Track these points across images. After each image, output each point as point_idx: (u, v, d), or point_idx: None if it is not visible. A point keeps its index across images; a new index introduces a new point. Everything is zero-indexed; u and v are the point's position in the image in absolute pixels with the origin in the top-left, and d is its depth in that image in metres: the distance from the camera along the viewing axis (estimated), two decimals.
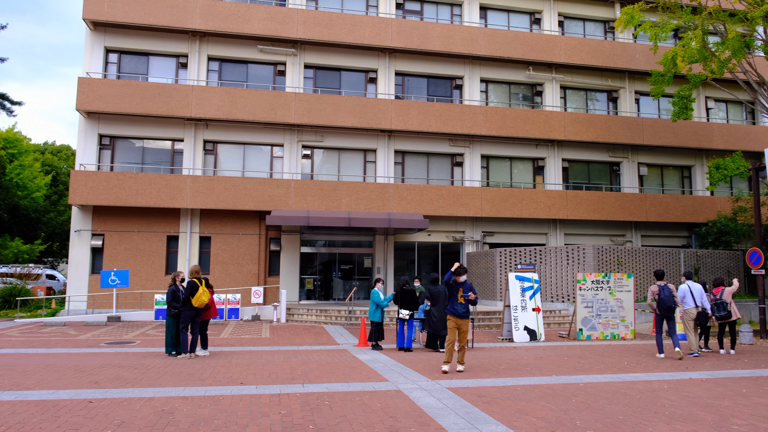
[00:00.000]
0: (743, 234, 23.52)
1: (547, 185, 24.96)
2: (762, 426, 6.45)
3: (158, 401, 7.41)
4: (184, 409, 6.98)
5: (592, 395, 8.05)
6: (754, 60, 23.42)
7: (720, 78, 22.69)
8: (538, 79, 25.30)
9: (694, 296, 12.61)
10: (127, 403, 7.27)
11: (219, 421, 6.46)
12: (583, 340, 15.17)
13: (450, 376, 9.55)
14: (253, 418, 6.59)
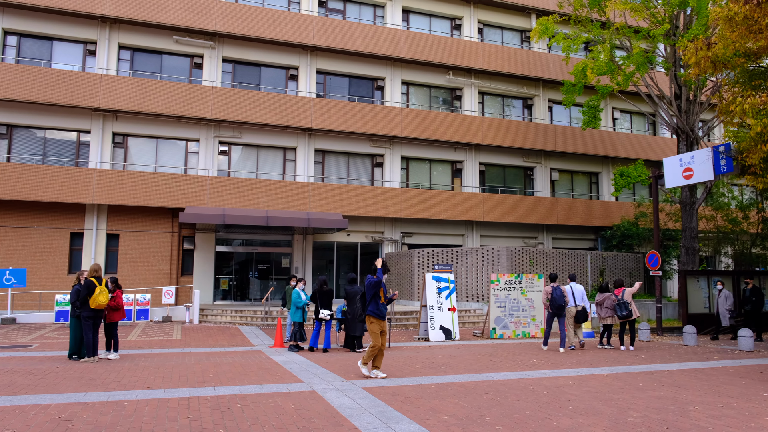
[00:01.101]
0: (644, 238, 25.07)
1: (464, 188, 25.53)
2: (655, 417, 6.82)
3: (55, 408, 6.88)
4: (83, 416, 6.51)
5: (503, 392, 8.23)
6: (656, 75, 25.04)
7: (625, 90, 24.06)
8: (458, 83, 25.85)
9: (575, 296, 13.83)
10: (19, 411, 6.70)
11: (122, 427, 6.07)
12: (496, 339, 15.58)
13: (365, 376, 9.48)
14: (159, 424, 6.25)
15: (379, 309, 9.33)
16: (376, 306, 9.34)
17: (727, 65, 13.42)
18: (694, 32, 17.65)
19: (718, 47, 12.95)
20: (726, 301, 15.62)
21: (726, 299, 15.58)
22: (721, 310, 15.57)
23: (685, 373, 10.16)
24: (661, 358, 12.13)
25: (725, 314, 15.56)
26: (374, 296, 9.32)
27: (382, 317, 9.38)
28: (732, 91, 14.56)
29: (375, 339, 9.27)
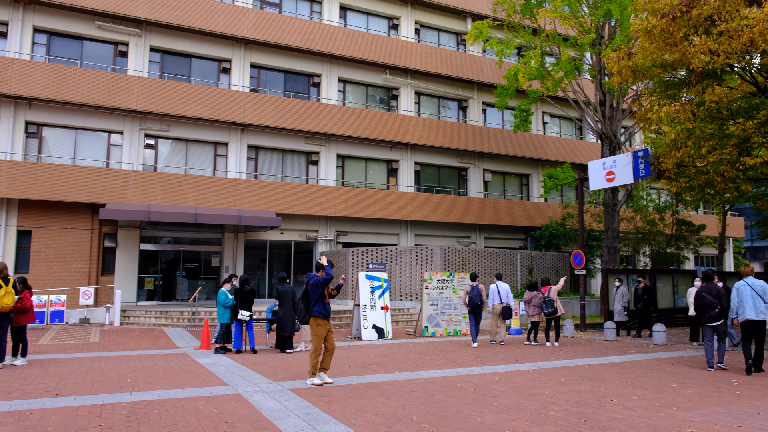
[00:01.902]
0: (570, 237, 26.02)
1: (400, 187, 25.65)
2: (574, 410, 7.01)
3: None
4: None
5: (431, 390, 8.25)
6: (583, 82, 26.05)
7: (555, 96, 24.89)
8: (395, 83, 25.94)
9: (501, 294, 14.40)
10: None
11: None
12: (428, 337, 15.69)
13: (293, 377, 9.29)
14: None
15: (326, 309, 8.73)
16: (323, 306, 8.71)
17: (645, 75, 14.08)
18: (618, 43, 18.42)
19: (638, 57, 13.55)
20: (622, 298, 16.27)
21: (623, 296, 16.25)
22: (617, 307, 16.21)
23: (604, 367, 10.54)
24: (583, 353, 12.56)
25: (620, 311, 16.20)
26: (321, 296, 8.70)
27: (329, 317, 8.86)
28: (650, 100, 15.31)
29: (318, 342, 8.60)
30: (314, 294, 8.73)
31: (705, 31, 11.93)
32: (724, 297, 10.23)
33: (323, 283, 8.71)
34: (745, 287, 9.99)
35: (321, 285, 8.70)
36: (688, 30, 12.17)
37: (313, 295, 8.73)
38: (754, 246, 48.15)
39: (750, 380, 9.20)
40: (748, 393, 8.15)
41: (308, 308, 8.84)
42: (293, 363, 10.85)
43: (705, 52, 11.48)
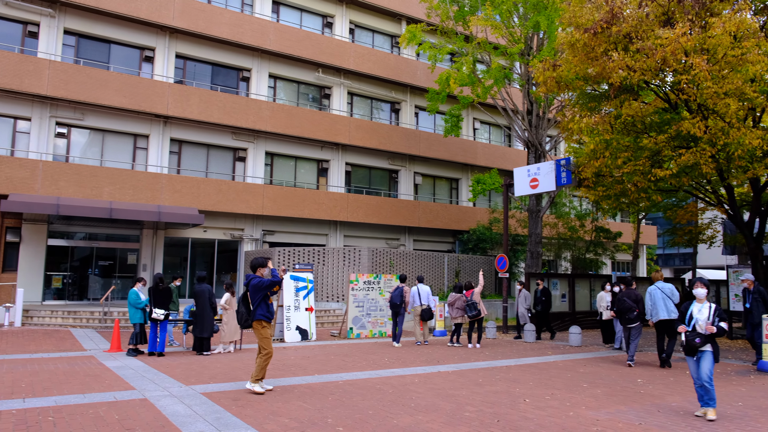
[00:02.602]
0: (497, 242, 26.65)
1: (330, 187, 25.43)
2: (488, 411, 7.08)
3: None
4: None
5: (349, 392, 8.13)
6: (511, 90, 26.75)
7: (484, 103, 25.40)
8: (327, 82, 25.70)
9: (421, 296, 14.69)
10: None
11: None
12: (353, 339, 15.58)
13: (207, 380, 8.93)
14: None
15: (270, 311, 8.29)
16: (267, 308, 8.23)
17: (569, 86, 14.59)
18: (545, 54, 19.02)
19: (562, 69, 14.02)
20: (525, 301, 16.66)
21: (525, 299, 16.64)
22: (521, 310, 16.57)
23: (521, 368, 10.77)
24: (503, 354, 12.82)
25: (524, 313, 16.58)
26: (264, 297, 8.24)
27: (271, 319, 8.43)
28: (573, 111, 15.86)
29: (269, 345, 8.15)
30: (257, 296, 8.21)
31: (624, 48, 12.48)
32: (641, 301, 11.33)
33: (268, 285, 8.23)
34: (656, 291, 11.06)
35: (266, 287, 8.22)
36: (609, 45, 12.69)
37: (256, 297, 8.21)
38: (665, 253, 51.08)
39: (654, 379, 9.64)
40: (651, 392, 8.52)
41: (249, 311, 8.30)
42: (209, 366, 10.45)
43: (623, 68, 11.99)
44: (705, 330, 6.91)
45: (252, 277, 8.34)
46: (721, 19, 11.17)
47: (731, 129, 11.23)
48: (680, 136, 12.33)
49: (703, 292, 7.18)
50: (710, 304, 7.11)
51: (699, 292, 7.20)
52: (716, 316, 7.00)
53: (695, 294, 7.21)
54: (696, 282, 7.27)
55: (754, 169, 12.14)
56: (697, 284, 7.25)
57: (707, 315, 7.03)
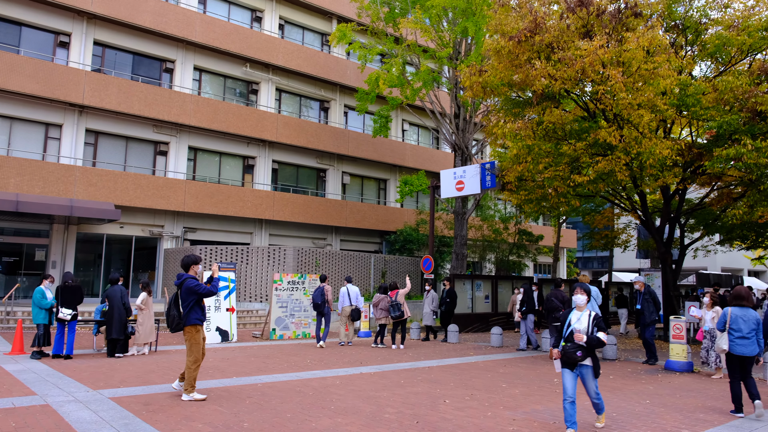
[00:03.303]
0: (423, 243, 26.96)
1: (256, 185, 24.87)
2: (408, 412, 7.08)
3: None
4: None
5: (268, 395, 7.92)
6: (440, 94, 27.16)
7: (413, 105, 25.68)
8: (255, 77, 25.13)
9: (350, 297, 14.70)
10: None
11: None
12: (275, 340, 15.29)
13: (117, 384, 8.46)
14: None
15: (204, 315, 7.81)
16: (201, 312, 7.73)
17: (495, 92, 14.92)
18: (472, 59, 19.40)
19: (488, 75, 14.31)
20: (432, 302, 16.85)
21: (432, 300, 16.80)
22: (426, 310, 16.75)
23: (443, 369, 10.89)
24: (426, 355, 12.93)
25: (429, 314, 16.72)
26: (198, 301, 7.72)
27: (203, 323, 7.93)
28: (498, 116, 16.26)
29: (198, 351, 7.66)
30: (190, 298, 7.65)
31: (546, 57, 12.88)
32: (567, 302, 12.13)
33: (205, 293, 7.70)
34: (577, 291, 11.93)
35: (202, 294, 7.69)
36: (532, 54, 13.07)
37: (189, 301, 7.64)
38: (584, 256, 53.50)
39: None
40: None
41: (182, 314, 7.70)
42: (120, 369, 9.91)
43: (545, 76, 12.38)
44: (581, 341, 6.09)
45: (186, 277, 7.74)
46: (635, 34, 11.75)
47: (644, 139, 11.83)
48: (597, 144, 12.88)
49: (583, 299, 6.37)
50: (590, 312, 6.32)
51: (578, 299, 6.38)
52: (594, 325, 6.19)
53: (574, 301, 6.43)
54: (576, 288, 6.46)
55: (664, 178, 12.85)
56: (577, 290, 6.43)
57: (586, 324, 6.21)
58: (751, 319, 7.46)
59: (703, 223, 19.14)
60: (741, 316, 7.50)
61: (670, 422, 6.88)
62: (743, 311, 7.54)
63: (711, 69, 14.73)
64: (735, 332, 7.45)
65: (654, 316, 12.07)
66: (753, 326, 7.43)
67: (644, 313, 12.14)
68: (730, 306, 7.76)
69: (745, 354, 7.35)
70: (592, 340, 6.10)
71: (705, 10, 13.53)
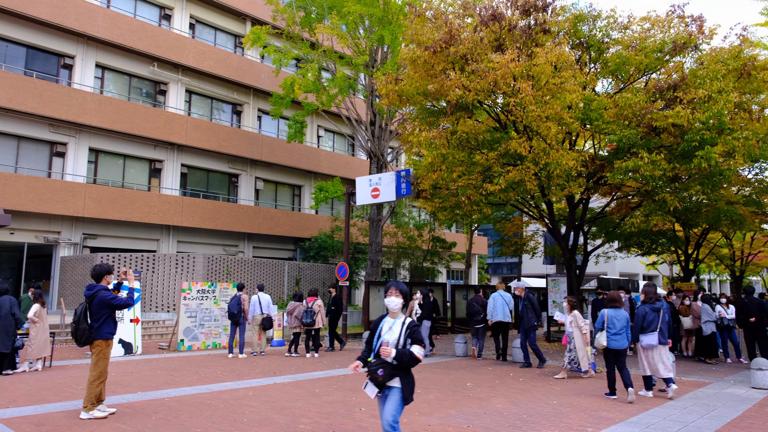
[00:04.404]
0: (338, 250, 26.81)
1: (163, 189, 23.75)
2: (324, 422, 6.93)
3: None
4: None
5: (176, 410, 7.51)
6: (356, 101, 27.21)
7: (329, 111, 25.52)
8: (163, 77, 24.06)
9: (261, 305, 14.43)
10: None
11: None
12: (183, 351, 14.64)
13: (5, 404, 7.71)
14: None
15: (116, 327, 7.44)
16: (114, 325, 7.37)
17: (410, 101, 15.12)
18: (388, 68, 19.58)
19: (404, 84, 14.49)
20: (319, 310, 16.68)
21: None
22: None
23: (358, 376, 10.79)
24: (341, 363, 12.80)
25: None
26: (111, 314, 7.33)
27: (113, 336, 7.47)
28: (413, 124, 16.47)
29: (106, 367, 7.26)
30: (104, 312, 7.23)
31: (461, 68, 13.20)
32: (486, 306, 13.12)
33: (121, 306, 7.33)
34: (498, 297, 13.15)
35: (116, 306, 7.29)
36: (447, 65, 13.37)
37: (103, 314, 7.22)
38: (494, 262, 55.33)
39: (481, 383, 10.21)
40: (479, 395, 9.00)
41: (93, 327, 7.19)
42: (9, 387, 9.07)
43: (459, 87, 12.67)
44: (388, 356, 4.68)
45: (99, 288, 7.29)
46: (544, 49, 12.30)
47: (551, 150, 12.38)
48: (508, 154, 13.33)
49: (397, 303, 4.88)
50: (404, 320, 4.87)
51: (391, 303, 4.90)
52: (407, 336, 4.77)
53: (386, 305, 4.94)
54: (389, 289, 4.95)
55: (569, 187, 13.50)
56: (391, 291, 4.93)
57: (397, 335, 4.80)
58: (622, 318, 8.78)
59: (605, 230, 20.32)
60: (614, 316, 8.79)
61: (576, 421, 7.16)
62: (616, 312, 8.83)
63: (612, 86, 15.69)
64: (610, 329, 8.74)
65: (534, 321, 12.39)
66: (624, 324, 8.76)
67: (523, 318, 12.40)
68: (606, 308, 8.95)
69: (618, 347, 8.68)
70: (402, 356, 4.65)
71: (607, 30, 14.41)
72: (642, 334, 8.97)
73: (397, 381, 4.77)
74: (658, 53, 13.53)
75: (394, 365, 4.69)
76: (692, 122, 11.76)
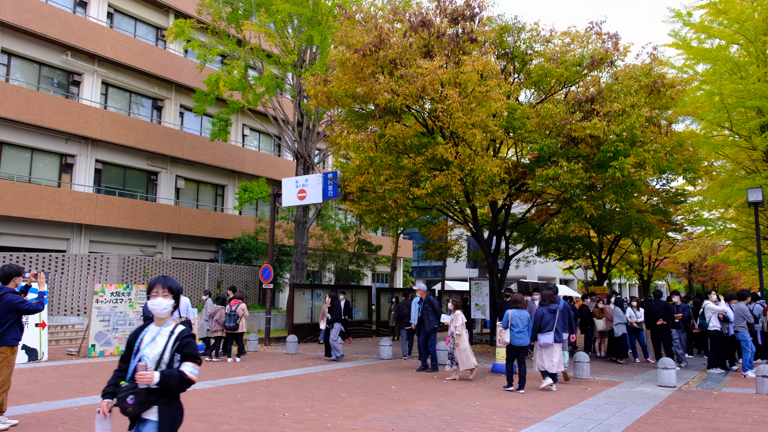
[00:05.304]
0: (262, 252, 26.27)
1: (75, 186, 22.39)
2: (246, 428, 6.73)
3: None
4: None
5: (86, 420, 7.08)
6: (283, 101, 26.78)
7: (255, 110, 25.00)
8: (78, 67, 22.71)
9: (180, 309, 13.42)
10: None
11: None
12: (95, 357, 13.88)
13: None
14: None
15: (22, 333, 6.91)
16: (21, 330, 6.83)
17: (339, 103, 15.05)
18: (317, 68, 19.42)
19: (333, 85, 14.40)
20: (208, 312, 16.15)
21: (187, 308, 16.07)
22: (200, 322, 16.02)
23: (281, 381, 10.60)
24: (264, 367, 12.51)
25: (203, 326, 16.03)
26: (18, 319, 6.77)
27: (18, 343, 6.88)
28: (341, 126, 16.44)
29: (9, 375, 6.73)
30: (10, 316, 6.68)
31: (390, 72, 13.29)
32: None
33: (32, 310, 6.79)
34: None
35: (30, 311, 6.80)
36: (376, 68, 13.41)
37: (9, 318, 6.68)
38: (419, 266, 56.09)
39: (406, 385, 10.28)
40: (404, 398, 9.04)
41: None
42: None
43: (388, 91, 12.74)
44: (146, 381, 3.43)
45: (6, 291, 6.77)
46: (471, 58, 12.59)
47: (476, 156, 12.68)
48: (435, 159, 13.53)
49: (165, 305, 3.80)
50: (174, 329, 3.74)
51: (155, 305, 3.79)
52: (176, 350, 3.61)
53: (150, 308, 3.82)
54: (154, 286, 3.85)
55: (493, 193, 13.87)
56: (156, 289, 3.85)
57: (161, 349, 3.60)
58: (524, 318, 9.75)
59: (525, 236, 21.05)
60: (518, 316, 9.73)
61: (497, 422, 7.33)
62: (519, 312, 9.78)
63: (534, 96, 16.30)
64: (514, 328, 9.67)
65: (434, 323, 12.31)
66: (525, 323, 9.74)
67: (424, 321, 12.32)
68: (510, 309, 9.84)
69: (520, 344, 9.65)
70: (169, 379, 3.45)
71: (530, 42, 14.96)
72: (540, 333, 9.93)
73: (154, 413, 3.48)
74: (578, 67, 14.18)
75: (153, 389, 3.45)
76: (608, 134, 12.39)
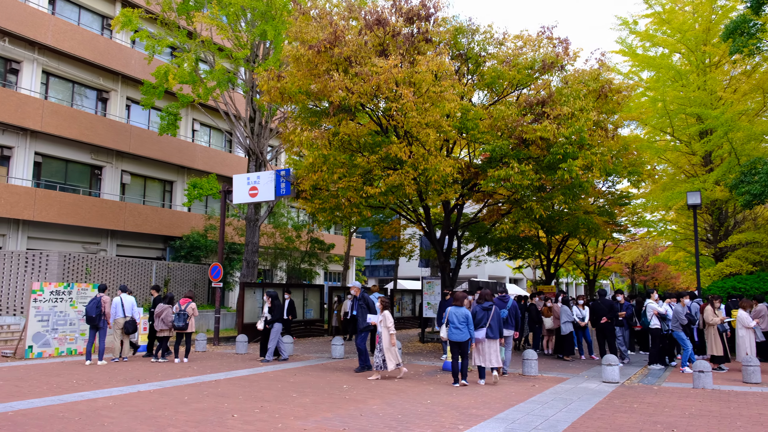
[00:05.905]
0: (212, 249, 25.71)
1: (12, 179, 21.32)
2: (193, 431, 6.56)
3: None
4: None
5: (22, 425, 6.73)
6: (235, 96, 26.28)
7: (206, 104, 24.44)
8: (16, 55, 21.63)
9: (125, 308, 13.52)
10: None
11: None
12: (32, 359, 13.29)
13: None
14: None
15: None
16: None
17: (293, 99, 14.87)
18: (270, 63, 19.10)
19: (286, 81, 14.21)
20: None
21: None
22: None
23: (230, 381, 10.38)
24: (212, 368, 12.23)
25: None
26: None
27: None
28: (295, 123, 16.23)
29: None
30: None
31: (344, 70, 13.20)
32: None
33: None
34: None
35: None
36: (331, 65, 13.30)
37: None
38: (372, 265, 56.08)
39: (357, 384, 10.24)
40: (355, 397, 9.00)
41: None
42: None
43: (342, 89, 12.66)
44: None
45: None
46: (426, 58, 12.65)
47: (430, 156, 12.75)
48: (389, 158, 13.53)
49: None
50: None
51: None
52: None
53: None
54: None
55: (446, 193, 13.99)
56: None
57: None
58: (461, 315, 10.11)
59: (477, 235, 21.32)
60: (455, 313, 10.11)
61: (448, 419, 7.39)
62: (457, 309, 10.15)
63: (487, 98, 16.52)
64: (452, 324, 10.07)
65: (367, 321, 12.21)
66: (463, 320, 10.08)
67: (358, 318, 12.26)
68: (449, 307, 10.27)
69: (458, 340, 10.02)
70: None
71: (484, 44, 15.15)
72: (475, 330, 10.31)
73: None
74: (529, 70, 14.46)
75: None
76: (557, 136, 12.68)
